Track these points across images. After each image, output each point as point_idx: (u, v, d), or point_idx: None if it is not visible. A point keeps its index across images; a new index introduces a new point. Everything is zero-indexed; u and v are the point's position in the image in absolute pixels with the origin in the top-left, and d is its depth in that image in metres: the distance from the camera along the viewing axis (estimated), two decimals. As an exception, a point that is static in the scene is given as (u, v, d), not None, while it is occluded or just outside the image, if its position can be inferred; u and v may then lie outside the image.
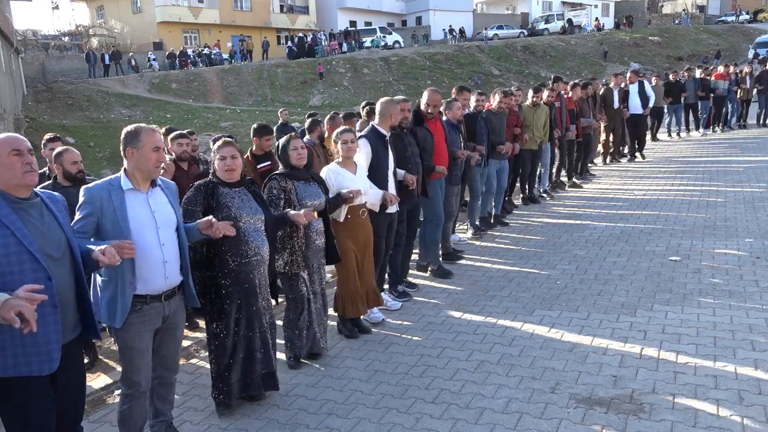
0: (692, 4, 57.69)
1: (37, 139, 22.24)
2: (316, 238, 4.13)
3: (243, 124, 24.40)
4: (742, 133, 14.89)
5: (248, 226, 3.51)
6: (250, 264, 3.53)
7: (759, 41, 34.03)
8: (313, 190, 4.11)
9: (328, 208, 4.25)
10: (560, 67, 36.14)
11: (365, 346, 4.51)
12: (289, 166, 4.09)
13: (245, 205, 3.53)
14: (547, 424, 3.29)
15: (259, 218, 3.58)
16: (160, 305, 3.03)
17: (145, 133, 2.95)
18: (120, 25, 42.90)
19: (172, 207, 3.09)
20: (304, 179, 4.11)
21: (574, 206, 8.63)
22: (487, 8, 56.33)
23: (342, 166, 4.51)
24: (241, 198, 3.55)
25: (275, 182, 4.03)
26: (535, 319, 4.74)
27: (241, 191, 3.58)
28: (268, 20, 44.67)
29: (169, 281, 3.03)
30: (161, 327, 3.09)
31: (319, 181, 4.25)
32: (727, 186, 9.01)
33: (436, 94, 5.71)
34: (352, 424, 3.45)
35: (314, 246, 4.13)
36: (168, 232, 3.03)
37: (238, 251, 3.50)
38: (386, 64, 35.50)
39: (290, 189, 4.01)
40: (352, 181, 4.42)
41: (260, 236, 3.58)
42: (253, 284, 3.57)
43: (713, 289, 5.08)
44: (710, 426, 3.15)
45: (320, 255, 4.22)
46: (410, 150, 5.22)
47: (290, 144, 4.10)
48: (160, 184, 3.10)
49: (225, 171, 3.51)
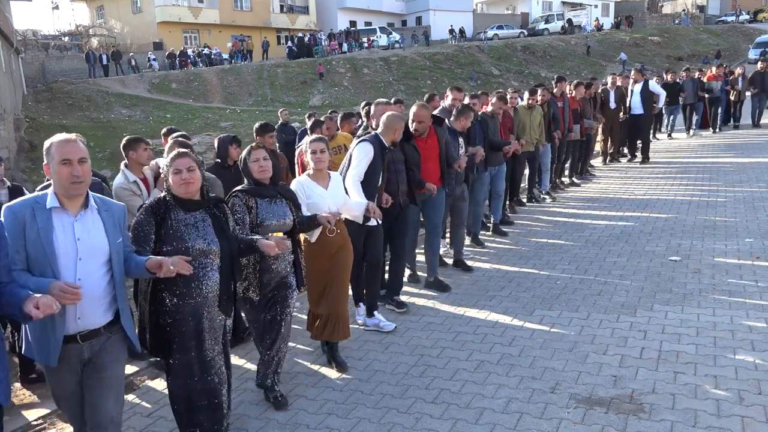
0: (692, 4, 57.72)
1: (36, 139, 22.09)
2: (275, 261, 3.59)
3: (243, 124, 24.40)
4: (741, 133, 14.90)
5: (195, 262, 2.92)
6: (189, 306, 2.98)
7: (759, 41, 34.05)
8: (277, 209, 3.62)
9: (300, 228, 3.77)
10: (560, 67, 36.14)
11: (365, 346, 4.51)
12: (252, 181, 3.63)
13: (200, 236, 2.97)
14: (547, 424, 3.29)
15: (213, 251, 3.00)
16: (78, 347, 2.57)
17: (57, 145, 2.51)
18: (120, 25, 42.90)
19: (106, 234, 2.61)
20: (269, 196, 3.62)
21: (574, 206, 8.63)
22: (487, 8, 56.35)
23: (313, 178, 4.07)
24: (197, 225, 2.99)
25: (237, 200, 3.54)
26: (535, 319, 4.75)
27: (200, 215, 3.02)
28: (268, 20, 44.67)
29: (83, 322, 2.55)
30: (86, 371, 2.63)
31: (289, 197, 3.73)
32: (727, 186, 9.01)
33: (423, 110, 5.28)
34: (352, 424, 3.45)
35: (274, 270, 3.62)
36: (92, 265, 2.55)
37: (176, 289, 2.95)
38: (386, 64, 35.50)
39: (252, 207, 3.54)
40: (321, 197, 4.01)
41: (210, 272, 3.00)
42: (194, 328, 3.01)
43: (713, 289, 5.08)
44: (710, 426, 3.15)
45: (287, 279, 3.71)
46: (391, 155, 4.88)
47: (251, 155, 3.61)
48: (97, 205, 2.64)
49: (180, 186, 2.95)
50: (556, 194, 9.30)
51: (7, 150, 17.09)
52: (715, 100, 14.89)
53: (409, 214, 5.18)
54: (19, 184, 4.93)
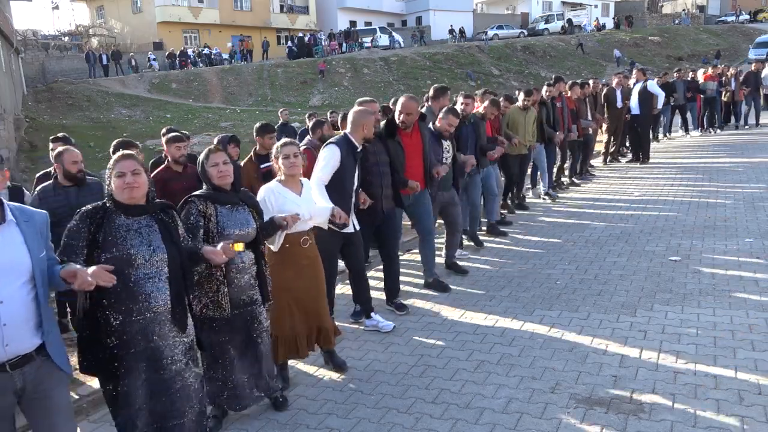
0: (692, 4, 57.71)
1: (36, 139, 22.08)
2: (237, 275, 3.31)
3: (243, 124, 24.40)
4: (740, 133, 14.92)
5: (140, 272, 2.65)
6: (138, 324, 2.67)
7: (759, 41, 34.02)
8: (239, 216, 3.33)
9: (261, 236, 3.49)
10: (560, 67, 36.15)
11: (365, 346, 4.51)
12: (212, 186, 3.32)
13: (144, 242, 2.68)
14: (547, 424, 3.29)
15: (160, 259, 2.70)
16: (7, 375, 2.31)
17: None
18: (120, 25, 42.92)
19: (27, 249, 2.35)
20: (230, 203, 3.32)
21: (574, 206, 8.63)
22: (487, 8, 56.36)
23: (284, 185, 3.76)
24: (141, 231, 2.70)
25: (193, 206, 3.23)
26: (535, 319, 4.74)
27: (144, 221, 2.73)
28: (268, 20, 44.68)
29: (11, 349, 2.29)
30: (25, 402, 2.40)
31: (251, 204, 3.45)
32: (727, 186, 9.01)
33: (412, 102, 5.07)
34: (352, 424, 3.45)
35: (237, 284, 3.33)
36: (11, 284, 2.29)
37: (123, 306, 2.64)
38: (386, 64, 35.51)
39: (210, 215, 3.24)
40: (295, 203, 3.70)
41: (158, 284, 2.70)
42: (145, 348, 2.70)
43: (713, 289, 5.08)
44: (710, 426, 3.15)
45: (249, 294, 3.41)
46: (373, 159, 4.66)
47: (209, 159, 3.29)
48: (15, 217, 2.37)
49: (123, 191, 2.67)
50: (555, 195, 9.23)
51: (7, 150, 17.09)
52: (710, 100, 14.94)
53: (397, 216, 5.04)
54: (19, 184, 4.93)
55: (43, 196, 4.27)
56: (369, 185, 4.64)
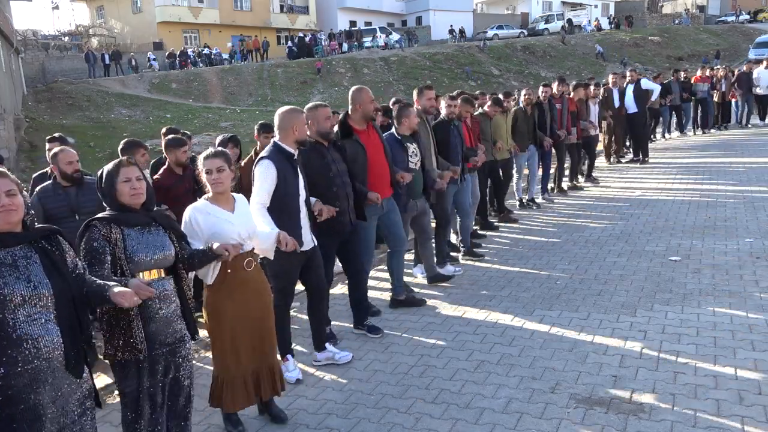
0: (692, 4, 57.71)
1: (36, 139, 22.07)
2: (160, 306, 2.76)
3: (243, 124, 24.41)
4: (739, 133, 14.93)
5: (20, 314, 2.16)
6: (25, 375, 2.17)
7: (759, 41, 34.01)
8: (152, 239, 2.78)
9: (187, 264, 2.96)
10: (560, 67, 36.18)
11: (365, 346, 4.50)
12: (118, 206, 2.75)
13: (21, 278, 2.19)
14: (547, 424, 3.29)
15: (44, 296, 2.22)
16: None
17: None
18: (120, 25, 42.94)
19: None
20: (140, 224, 2.77)
21: (573, 206, 8.63)
22: (487, 8, 56.37)
23: (214, 202, 3.22)
24: (17, 263, 2.21)
25: (95, 231, 2.66)
26: (535, 319, 4.74)
27: (20, 252, 2.24)
28: (268, 20, 44.70)
29: None
30: None
31: (166, 225, 2.89)
32: (727, 186, 9.01)
33: (363, 93, 4.64)
34: (352, 424, 3.45)
35: (158, 318, 2.76)
36: None
37: (3, 357, 2.14)
38: (386, 64, 35.52)
39: (116, 239, 2.67)
40: (229, 222, 3.19)
41: (45, 325, 2.22)
42: (33, 405, 2.20)
43: (713, 289, 5.08)
44: (710, 426, 3.15)
45: (174, 329, 2.84)
46: (335, 168, 4.21)
47: (120, 173, 2.74)
48: None
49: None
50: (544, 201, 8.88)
51: (7, 150, 17.10)
52: (701, 101, 15.00)
53: (366, 228, 4.66)
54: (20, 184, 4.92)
55: (42, 197, 4.27)
56: (335, 198, 4.19)
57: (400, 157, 5.15)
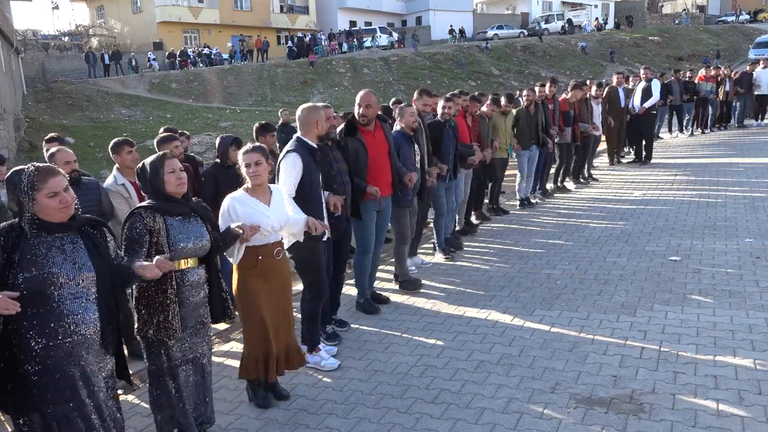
0: (692, 4, 57.71)
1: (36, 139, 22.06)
2: (190, 293, 3.03)
3: (243, 124, 24.41)
4: (739, 133, 14.94)
5: (65, 292, 2.41)
6: (63, 347, 2.41)
7: (759, 41, 34.01)
8: (192, 228, 3.03)
9: (218, 249, 3.22)
10: (560, 67, 36.20)
11: (365, 346, 4.50)
12: (162, 196, 2.99)
13: (68, 260, 2.44)
14: (547, 424, 3.29)
15: (86, 277, 2.47)
16: None
17: None
18: (120, 25, 42.93)
19: None
20: (182, 214, 3.02)
21: (574, 206, 8.63)
22: (487, 8, 56.37)
23: (251, 194, 3.46)
24: (64, 249, 2.45)
25: (138, 219, 2.90)
26: (535, 319, 4.74)
27: (68, 238, 2.49)
28: (268, 20, 44.69)
29: None
30: None
31: (204, 215, 3.13)
32: (727, 186, 9.01)
33: (371, 95, 4.78)
34: (352, 424, 3.45)
35: (189, 303, 3.04)
36: None
37: (45, 329, 2.38)
38: (386, 64, 35.53)
39: (159, 228, 2.92)
40: (264, 214, 3.41)
41: (85, 305, 2.47)
42: (69, 375, 2.43)
43: (713, 289, 5.08)
44: (710, 426, 3.15)
45: (199, 313, 3.13)
46: (336, 167, 4.36)
47: (165, 164, 2.98)
48: None
49: (61, 211, 2.44)
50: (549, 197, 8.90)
51: (7, 150, 17.10)
52: (703, 101, 14.99)
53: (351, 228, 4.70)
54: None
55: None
56: (335, 192, 4.32)
57: (409, 154, 5.26)
